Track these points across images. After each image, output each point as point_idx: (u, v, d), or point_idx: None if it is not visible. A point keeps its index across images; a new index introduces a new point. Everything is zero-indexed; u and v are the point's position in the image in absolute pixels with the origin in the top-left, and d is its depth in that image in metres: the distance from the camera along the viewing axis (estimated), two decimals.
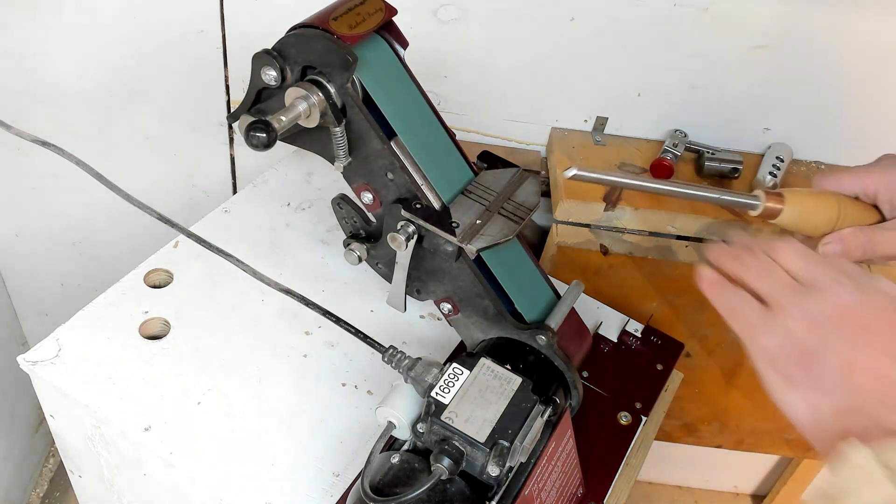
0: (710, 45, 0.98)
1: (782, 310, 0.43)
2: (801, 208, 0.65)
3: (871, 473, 0.35)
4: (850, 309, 0.41)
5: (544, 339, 0.60)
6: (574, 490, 0.62)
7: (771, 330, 0.43)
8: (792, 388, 0.42)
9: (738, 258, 0.48)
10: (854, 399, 0.39)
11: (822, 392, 0.40)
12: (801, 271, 0.45)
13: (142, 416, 0.61)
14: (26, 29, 0.98)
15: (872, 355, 0.40)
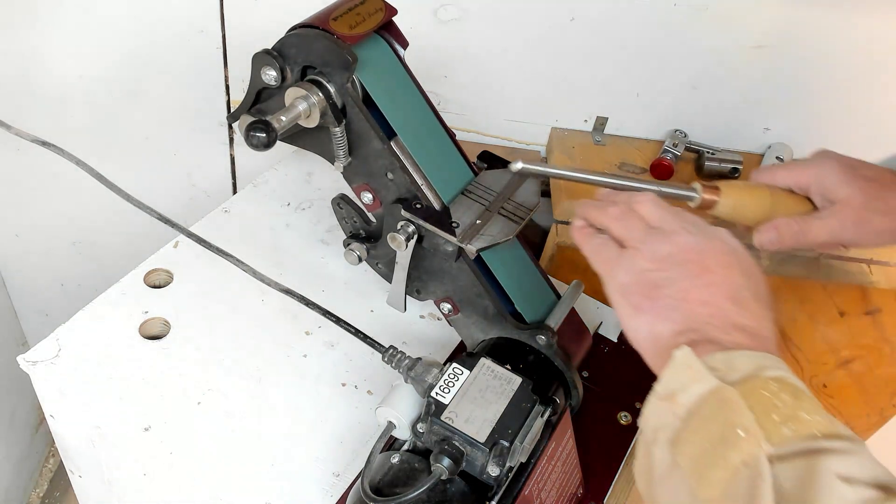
0: (709, 45, 0.98)
1: (635, 250, 0.49)
2: (736, 199, 0.68)
3: (698, 371, 0.41)
4: (690, 250, 0.47)
5: (544, 339, 0.60)
6: (574, 490, 0.62)
7: (624, 266, 0.49)
8: (639, 314, 0.47)
9: (601, 208, 0.53)
10: (689, 322, 0.45)
11: (663, 317, 0.46)
12: (654, 218, 0.50)
13: (142, 416, 0.61)
14: (26, 29, 0.98)
15: (706, 288, 0.45)
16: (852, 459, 0.37)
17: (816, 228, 0.66)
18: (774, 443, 0.37)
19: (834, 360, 0.85)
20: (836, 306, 0.91)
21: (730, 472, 0.38)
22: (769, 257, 0.94)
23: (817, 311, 0.90)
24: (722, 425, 0.39)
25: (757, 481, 0.37)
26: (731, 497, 0.38)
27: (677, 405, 0.41)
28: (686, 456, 0.40)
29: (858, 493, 0.36)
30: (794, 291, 0.92)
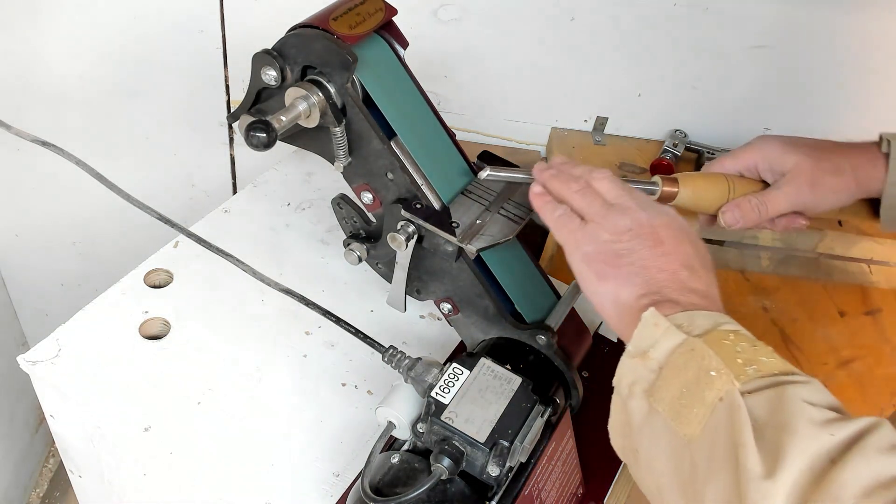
0: (709, 45, 0.98)
1: (596, 223, 0.53)
2: (694, 188, 0.73)
3: (666, 328, 0.45)
4: (645, 224, 0.52)
5: (544, 339, 0.60)
6: (574, 490, 0.62)
7: (588, 237, 0.53)
8: (603, 281, 0.51)
9: (563, 181, 0.57)
10: (650, 286, 0.49)
11: (626, 283, 0.50)
12: (612, 195, 0.55)
13: (142, 416, 0.61)
14: (26, 29, 0.98)
15: (662, 258, 0.50)
16: (811, 388, 0.42)
17: (774, 199, 0.71)
18: (742, 381, 0.42)
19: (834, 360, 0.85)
20: (836, 306, 0.91)
21: (708, 408, 0.42)
22: (769, 257, 0.94)
23: (817, 311, 0.90)
24: (695, 370, 0.43)
25: (734, 412, 0.40)
26: (711, 429, 0.41)
27: (650, 359, 0.45)
28: (663, 401, 0.44)
29: (822, 414, 0.40)
30: (794, 291, 0.92)
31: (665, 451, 0.44)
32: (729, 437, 0.40)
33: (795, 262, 0.94)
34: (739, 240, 0.93)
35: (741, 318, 0.82)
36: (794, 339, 0.86)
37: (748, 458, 0.39)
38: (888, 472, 0.37)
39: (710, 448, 0.41)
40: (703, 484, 0.41)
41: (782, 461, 0.38)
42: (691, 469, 0.42)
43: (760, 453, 0.39)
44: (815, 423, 0.39)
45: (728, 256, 0.94)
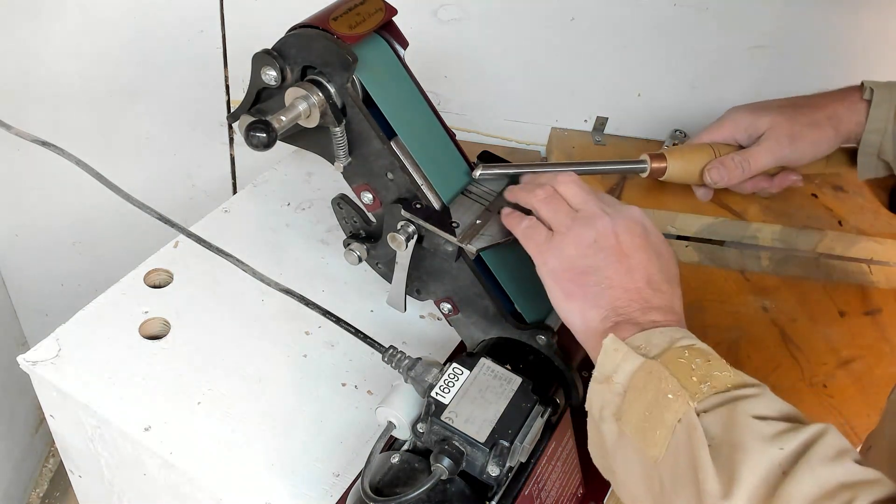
0: (709, 45, 0.98)
1: (562, 235, 0.54)
2: (682, 160, 0.76)
3: (625, 353, 0.47)
4: (610, 234, 0.53)
5: (544, 339, 0.60)
6: (574, 490, 0.62)
7: (553, 252, 0.54)
8: (570, 300, 0.53)
9: (529, 191, 0.58)
10: (613, 307, 0.51)
11: (591, 304, 0.51)
12: (577, 201, 0.56)
13: (142, 416, 0.61)
14: (26, 29, 0.98)
15: (626, 275, 0.51)
16: (761, 401, 0.44)
17: (756, 154, 0.75)
18: (698, 399, 0.44)
19: (834, 360, 0.85)
20: (836, 306, 0.91)
21: (668, 430, 0.44)
22: (769, 257, 0.94)
23: (817, 311, 0.90)
24: (654, 393, 0.45)
25: (692, 432, 0.43)
26: (673, 450, 0.43)
27: (614, 384, 0.47)
28: (630, 424, 0.46)
29: (772, 427, 0.42)
30: (794, 291, 0.92)
31: (637, 471, 0.46)
32: (689, 458, 0.42)
33: (795, 262, 0.94)
34: (739, 240, 0.93)
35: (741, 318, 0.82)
36: (794, 339, 0.86)
37: (706, 480, 0.40)
38: (832, 480, 0.39)
39: (674, 468, 0.43)
40: (670, 502, 0.43)
41: (737, 480, 0.40)
42: (660, 488, 0.44)
43: (717, 473, 0.40)
44: (764, 439, 0.41)
45: (728, 256, 0.94)
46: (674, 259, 0.55)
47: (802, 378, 0.83)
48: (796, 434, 0.41)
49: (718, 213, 0.92)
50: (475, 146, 1.06)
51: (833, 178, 1.00)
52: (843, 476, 0.39)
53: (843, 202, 0.97)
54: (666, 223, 0.92)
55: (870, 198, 0.98)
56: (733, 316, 0.88)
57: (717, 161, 0.77)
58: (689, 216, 0.91)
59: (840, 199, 0.97)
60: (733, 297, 0.90)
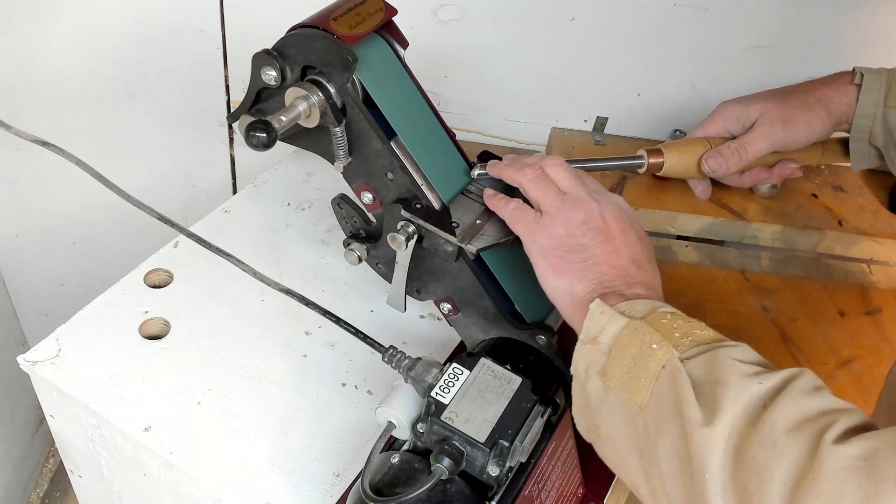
0: (709, 45, 0.98)
1: (551, 217, 0.56)
2: (679, 153, 0.77)
3: (611, 315, 0.49)
4: (597, 217, 0.55)
5: (544, 339, 0.60)
6: (574, 490, 0.62)
7: (544, 231, 0.56)
8: (558, 275, 0.55)
9: (517, 169, 0.60)
10: (600, 281, 0.53)
11: (579, 279, 0.54)
12: (565, 184, 0.58)
13: (142, 416, 0.61)
14: (26, 29, 0.98)
15: (613, 254, 0.54)
16: (741, 350, 0.46)
17: (751, 140, 0.77)
18: (680, 350, 0.46)
19: (834, 360, 0.85)
20: (836, 306, 0.91)
21: (652, 376, 0.46)
22: (769, 257, 0.94)
23: (817, 311, 0.90)
24: (638, 346, 0.47)
25: (675, 375, 0.45)
26: (657, 394, 0.46)
27: (599, 343, 0.49)
28: (615, 378, 0.48)
29: (751, 368, 0.44)
30: (794, 291, 0.92)
31: (621, 422, 0.48)
32: (673, 397, 0.45)
33: (795, 262, 0.94)
34: (739, 240, 0.93)
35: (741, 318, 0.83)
36: (794, 339, 0.86)
37: (690, 411, 0.43)
38: (813, 408, 0.41)
39: (658, 410, 0.46)
40: (654, 442, 0.45)
41: (719, 410, 0.42)
42: (644, 432, 0.46)
43: (700, 406, 0.43)
44: (745, 376, 0.44)
45: (728, 256, 0.94)
46: (650, 245, 0.58)
47: None
48: (775, 374, 0.44)
49: (718, 213, 0.92)
50: (475, 146, 1.05)
51: (833, 177, 1.00)
52: (823, 405, 0.42)
53: (843, 202, 0.97)
54: (666, 223, 0.92)
55: (870, 198, 0.98)
56: (733, 316, 0.88)
57: (713, 151, 0.78)
58: (689, 216, 0.91)
59: (840, 199, 0.97)
60: (733, 297, 0.90)
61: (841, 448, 0.38)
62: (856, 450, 0.38)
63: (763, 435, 0.41)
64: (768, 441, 0.40)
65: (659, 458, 0.45)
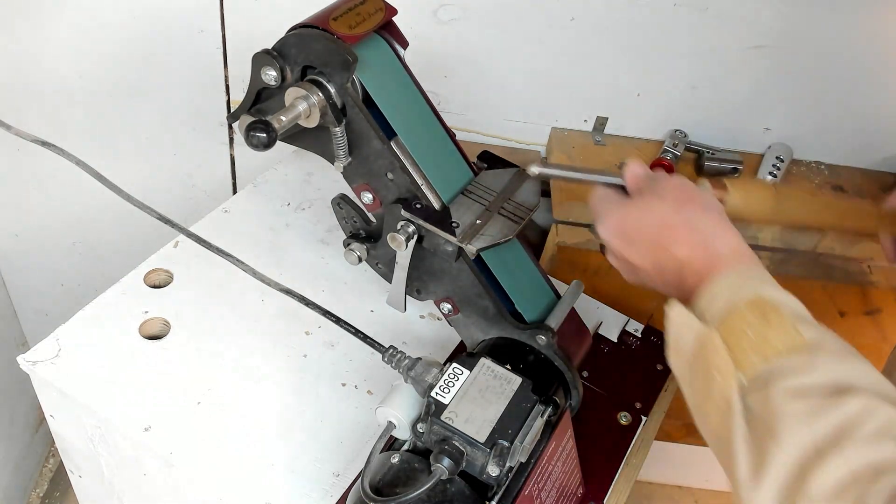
0: (710, 45, 0.98)
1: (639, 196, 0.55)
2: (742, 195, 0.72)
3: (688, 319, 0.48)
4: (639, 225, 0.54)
5: (544, 339, 0.60)
6: (574, 490, 0.62)
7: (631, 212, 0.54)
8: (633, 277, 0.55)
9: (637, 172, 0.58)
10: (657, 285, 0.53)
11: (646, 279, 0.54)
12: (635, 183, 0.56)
13: (142, 416, 0.61)
14: (26, 29, 0.98)
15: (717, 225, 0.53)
16: (807, 371, 0.43)
17: None
18: (745, 370, 0.44)
19: None
20: (836, 306, 0.91)
21: (715, 407, 0.45)
22: (769, 257, 0.94)
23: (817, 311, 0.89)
24: (706, 366, 0.46)
25: (730, 418, 0.43)
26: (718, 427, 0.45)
27: (682, 354, 0.48)
28: (691, 397, 0.48)
29: (808, 404, 0.41)
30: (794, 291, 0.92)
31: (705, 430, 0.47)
32: (727, 439, 0.43)
33: (795, 262, 0.94)
34: None
35: None
36: None
37: (738, 467, 0.42)
38: (865, 464, 0.38)
39: (719, 444, 0.45)
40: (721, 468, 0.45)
41: (766, 469, 0.40)
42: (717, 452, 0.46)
43: (749, 459, 0.41)
44: (799, 420, 0.41)
45: None
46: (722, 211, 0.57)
47: None
48: (834, 411, 0.40)
49: None
50: (475, 146, 1.06)
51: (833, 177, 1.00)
52: (877, 457, 0.38)
53: None
54: None
55: (870, 198, 0.98)
56: None
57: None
58: None
59: (840, 199, 0.97)
60: None
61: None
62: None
63: (807, 497, 0.38)
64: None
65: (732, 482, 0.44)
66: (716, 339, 0.45)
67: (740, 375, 0.44)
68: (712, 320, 0.47)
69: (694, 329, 0.47)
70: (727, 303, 0.47)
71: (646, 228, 0.53)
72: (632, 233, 0.54)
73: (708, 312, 0.47)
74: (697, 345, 0.47)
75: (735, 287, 0.48)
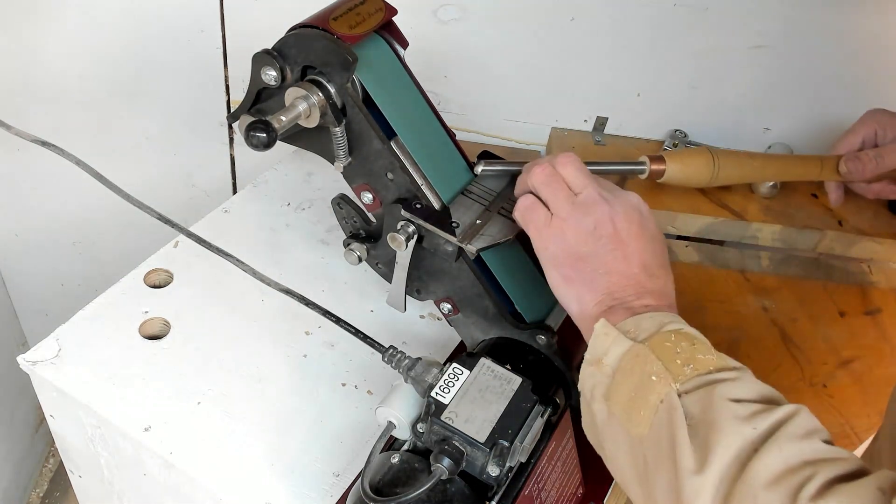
0: (709, 45, 0.98)
1: (561, 220, 0.55)
2: (681, 163, 0.77)
3: (615, 337, 0.49)
4: (608, 222, 0.54)
5: (544, 339, 0.60)
6: (574, 490, 0.62)
7: (554, 238, 0.55)
8: (568, 285, 0.54)
9: (527, 169, 0.58)
10: (609, 292, 0.52)
11: (588, 288, 0.53)
12: (577, 185, 0.56)
13: (142, 416, 0.61)
14: (26, 29, 0.98)
15: (623, 261, 0.53)
16: (740, 384, 0.45)
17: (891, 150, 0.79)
18: (680, 381, 0.46)
19: (834, 360, 0.85)
20: (836, 306, 0.91)
21: (651, 410, 0.46)
22: (769, 257, 0.94)
23: (817, 311, 0.90)
24: (639, 375, 0.47)
25: (672, 413, 0.45)
26: (655, 428, 0.46)
27: (604, 366, 0.49)
28: (617, 404, 0.48)
29: (746, 408, 0.43)
30: (794, 291, 0.92)
31: (624, 449, 0.48)
32: (669, 437, 0.44)
33: (795, 262, 0.94)
34: (739, 240, 0.93)
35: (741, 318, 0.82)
36: (794, 339, 0.86)
37: (683, 457, 0.43)
38: (797, 457, 0.41)
39: (656, 446, 0.45)
40: (653, 478, 0.45)
41: (710, 457, 0.42)
42: (644, 465, 0.46)
43: (693, 450, 0.43)
44: (739, 419, 0.43)
45: (728, 256, 0.94)
46: (664, 244, 0.57)
47: (802, 378, 0.83)
48: (769, 414, 0.43)
49: (718, 213, 0.92)
50: (475, 146, 1.05)
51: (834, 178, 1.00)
52: (810, 454, 0.41)
53: (843, 202, 0.97)
54: (666, 223, 0.92)
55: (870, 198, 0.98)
56: (733, 316, 0.88)
57: (853, 155, 0.80)
58: (689, 216, 0.91)
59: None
60: (733, 297, 0.90)
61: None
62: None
63: (746, 487, 0.40)
64: (750, 494, 0.40)
65: (657, 496, 0.45)
66: (648, 351, 0.47)
67: (675, 383, 0.46)
68: (638, 339, 0.48)
69: (622, 343, 0.48)
70: (654, 328, 0.49)
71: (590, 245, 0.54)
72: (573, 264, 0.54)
73: (631, 333, 0.49)
74: (630, 356, 0.48)
75: (659, 318, 0.50)
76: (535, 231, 0.56)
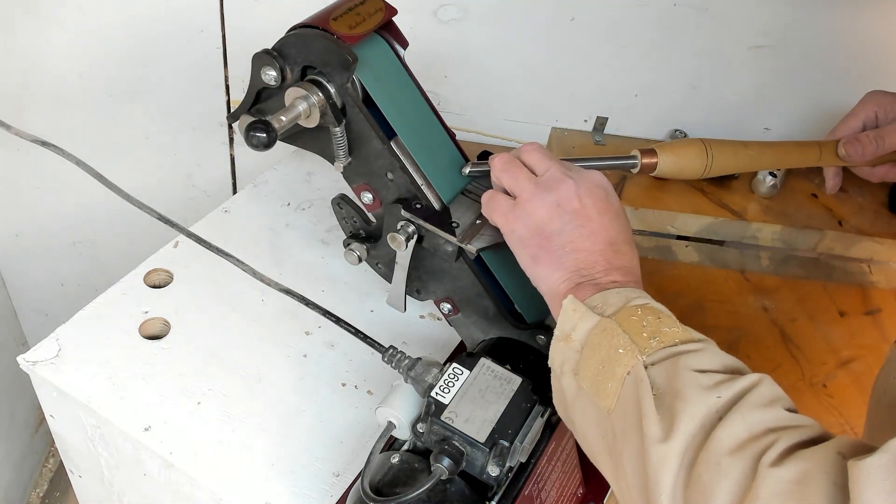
0: (709, 45, 0.98)
1: (525, 201, 0.55)
2: (673, 155, 0.77)
3: (583, 312, 0.49)
4: (573, 198, 0.54)
5: (544, 339, 0.60)
6: (574, 490, 0.62)
7: (519, 219, 0.55)
8: (537, 264, 0.54)
9: (490, 159, 0.59)
10: (577, 268, 0.53)
11: (555, 266, 0.53)
12: (541, 167, 0.56)
13: (142, 416, 0.61)
14: (26, 29, 0.98)
15: (589, 238, 0.53)
16: (705, 355, 0.46)
17: (891, 132, 0.78)
18: (646, 353, 0.46)
19: (834, 360, 0.85)
20: (836, 306, 0.91)
21: (618, 382, 0.46)
22: (769, 257, 0.94)
23: (817, 311, 0.90)
24: (606, 349, 0.47)
25: (639, 384, 0.45)
26: (623, 400, 0.46)
27: (572, 341, 0.49)
28: (586, 378, 0.48)
29: (710, 378, 0.44)
30: (794, 291, 0.92)
31: (593, 422, 0.49)
32: (635, 408, 0.45)
33: (795, 262, 0.94)
34: (739, 240, 0.93)
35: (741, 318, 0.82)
36: (794, 339, 0.86)
37: (649, 426, 0.43)
38: (760, 425, 0.41)
39: (623, 417, 0.46)
40: (620, 449, 0.46)
41: (675, 426, 0.42)
42: (612, 437, 0.47)
43: (659, 420, 0.43)
44: (703, 388, 0.43)
45: (728, 256, 0.94)
46: (628, 222, 0.57)
47: (802, 378, 0.83)
48: (734, 383, 0.44)
49: (718, 213, 0.92)
50: (475, 146, 1.05)
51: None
52: (772, 421, 0.42)
53: (843, 202, 0.97)
54: (666, 223, 0.92)
55: (870, 198, 0.98)
56: (733, 316, 0.88)
57: (852, 137, 0.79)
58: (689, 216, 0.91)
59: (840, 199, 0.97)
60: (733, 297, 0.90)
61: (776, 471, 0.38)
62: (790, 472, 0.38)
63: (710, 454, 0.41)
64: (713, 461, 0.40)
65: (625, 465, 0.45)
66: (615, 326, 0.48)
67: (641, 355, 0.46)
68: (606, 314, 0.49)
69: (589, 319, 0.49)
70: (620, 303, 0.49)
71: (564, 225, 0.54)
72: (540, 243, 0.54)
73: (598, 309, 0.50)
74: (597, 330, 0.48)
75: (626, 293, 0.50)
76: (500, 218, 0.56)
